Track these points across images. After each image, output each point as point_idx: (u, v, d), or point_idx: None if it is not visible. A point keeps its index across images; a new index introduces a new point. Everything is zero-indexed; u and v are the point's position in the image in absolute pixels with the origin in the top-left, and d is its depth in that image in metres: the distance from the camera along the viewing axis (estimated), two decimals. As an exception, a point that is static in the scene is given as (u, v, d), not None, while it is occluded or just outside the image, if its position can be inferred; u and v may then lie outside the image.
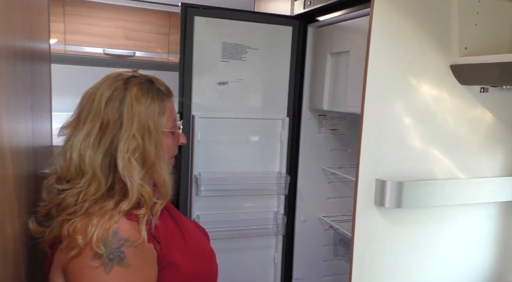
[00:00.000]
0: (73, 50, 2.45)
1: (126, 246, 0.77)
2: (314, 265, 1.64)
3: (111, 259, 0.76)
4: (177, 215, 0.97)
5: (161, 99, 0.89)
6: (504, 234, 1.20)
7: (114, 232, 0.77)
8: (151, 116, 0.86)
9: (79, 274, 0.76)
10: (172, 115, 0.92)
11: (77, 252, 0.75)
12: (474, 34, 1.06)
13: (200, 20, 1.36)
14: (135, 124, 0.83)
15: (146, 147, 0.84)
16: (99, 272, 0.75)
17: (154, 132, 0.85)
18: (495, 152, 1.16)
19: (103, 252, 0.75)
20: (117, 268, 0.76)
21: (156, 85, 0.90)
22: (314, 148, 1.56)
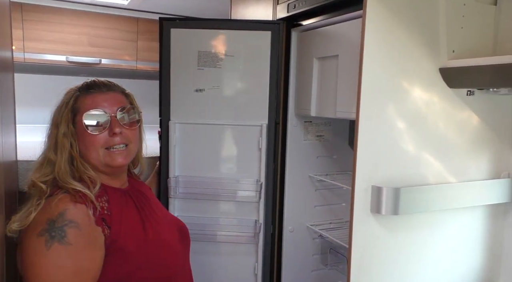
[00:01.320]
0: (33, 58, 2.30)
1: (69, 226, 0.86)
2: (303, 276, 1.61)
3: (52, 236, 0.84)
4: (146, 206, 1.04)
5: (76, 98, 0.99)
6: (492, 236, 1.22)
7: (61, 213, 0.87)
8: (55, 119, 0.98)
9: (25, 248, 0.86)
10: (88, 107, 0.99)
11: (27, 228, 0.86)
12: (460, 37, 1.08)
13: (176, 32, 1.41)
14: (52, 126, 0.99)
15: (48, 147, 0.98)
16: (41, 246, 0.84)
17: (54, 133, 0.98)
18: (482, 154, 1.17)
19: (47, 230, 0.84)
20: (57, 245, 0.84)
21: (81, 87, 1.01)
22: (300, 155, 1.54)
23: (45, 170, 0.96)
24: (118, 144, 1.00)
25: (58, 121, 0.98)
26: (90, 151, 0.97)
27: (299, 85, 1.46)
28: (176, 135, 1.43)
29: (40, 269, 0.84)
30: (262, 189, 1.44)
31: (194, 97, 1.43)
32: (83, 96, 1.00)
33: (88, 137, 0.97)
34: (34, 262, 0.85)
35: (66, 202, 0.89)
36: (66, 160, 0.95)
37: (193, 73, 1.42)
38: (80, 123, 0.97)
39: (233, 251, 1.48)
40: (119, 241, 0.92)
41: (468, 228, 1.18)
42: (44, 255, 0.84)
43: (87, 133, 0.97)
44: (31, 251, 0.85)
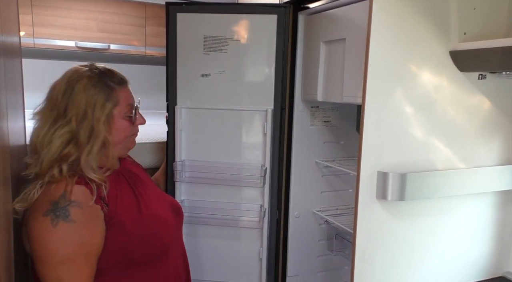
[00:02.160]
0: (43, 44, 2.30)
1: (72, 205, 0.94)
2: (309, 261, 1.61)
3: (57, 216, 0.93)
4: (138, 184, 1.14)
5: (110, 89, 1.04)
6: (502, 223, 1.20)
7: (62, 195, 0.95)
8: (91, 105, 1.00)
9: (32, 227, 0.94)
10: (125, 101, 1.07)
11: (31, 209, 0.94)
12: (473, 19, 1.04)
13: (182, 16, 1.40)
14: (73, 111, 0.99)
15: (79, 131, 0.99)
16: (47, 225, 0.92)
17: (90, 119, 1.00)
18: (493, 140, 1.15)
19: (52, 210, 0.92)
20: (63, 223, 0.93)
21: (107, 77, 1.05)
22: (306, 140, 1.52)
23: (68, 151, 0.99)
24: (138, 130, 1.16)
25: (94, 109, 1.01)
26: (121, 137, 1.08)
27: (306, 70, 1.43)
28: (183, 120, 1.42)
29: (48, 245, 0.93)
30: (267, 174, 1.43)
31: (200, 82, 1.42)
32: (119, 89, 1.07)
33: (125, 127, 1.08)
34: (42, 240, 0.93)
35: (66, 184, 0.96)
36: (98, 146, 1.01)
37: (199, 58, 1.41)
38: (118, 114, 1.05)
39: (238, 236, 1.49)
40: (116, 217, 1.01)
41: (476, 215, 1.16)
42: (51, 233, 0.92)
43: (126, 123, 1.08)
44: (38, 230, 0.93)
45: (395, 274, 1.08)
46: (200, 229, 1.48)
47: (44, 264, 0.93)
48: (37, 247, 0.93)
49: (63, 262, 0.93)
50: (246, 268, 1.52)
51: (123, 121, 1.07)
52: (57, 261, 0.93)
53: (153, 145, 1.63)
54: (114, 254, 1.02)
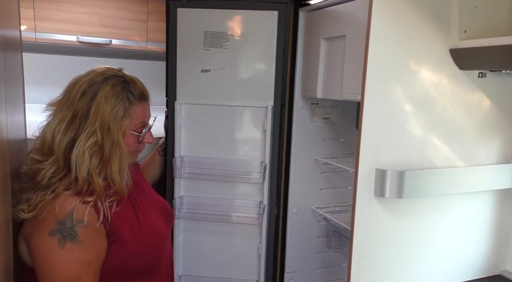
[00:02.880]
0: (45, 38, 2.30)
1: (79, 226, 0.92)
2: (307, 258, 1.61)
3: (64, 236, 0.91)
4: (136, 195, 1.10)
5: (129, 102, 1.00)
6: (500, 222, 1.20)
7: (69, 214, 0.91)
8: (113, 118, 0.97)
9: (38, 246, 0.92)
10: (139, 117, 1.04)
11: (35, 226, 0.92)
12: (473, 16, 1.04)
13: (183, 12, 1.39)
14: (98, 121, 0.96)
15: (104, 144, 0.96)
16: (54, 246, 0.90)
17: (113, 132, 0.97)
18: (492, 138, 1.14)
19: (59, 230, 0.90)
20: (70, 243, 0.91)
21: (130, 89, 1.01)
22: (306, 137, 1.52)
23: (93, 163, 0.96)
24: (143, 148, 1.13)
25: (115, 121, 0.98)
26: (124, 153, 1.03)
27: (306, 67, 1.43)
28: (182, 115, 1.43)
29: (55, 265, 0.92)
30: (267, 171, 1.43)
31: (200, 78, 1.42)
32: (137, 104, 1.03)
33: (132, 143, 1.05)
34: (49, 259, 0.92)
35: (71, 202, 0.93)
36: (125, 161, 1.00)
37: (199, 53, 1.41)
38: (128, 128, 1.02)
39: (237, 232, 1.49)
40: (117, 235, 1.00)
41: (475, 214, 1.16)
42: (59, 254, 0.91)
43: (134, 140, 1.05)
44: (45, 250, 0.92)
45: (392, 271, 1.08)
46: (199, 225, 1.48)
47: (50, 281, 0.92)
48: (43, 265, 0.92)
49: (70, 280, 0.92)
50: (244, 264, 1.52)
51: (130, 137, 1.04)
52: (64, 280, 0.92)
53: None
54: (113, 268, 1.01)
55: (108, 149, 0.96)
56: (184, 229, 1.49)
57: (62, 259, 0.91)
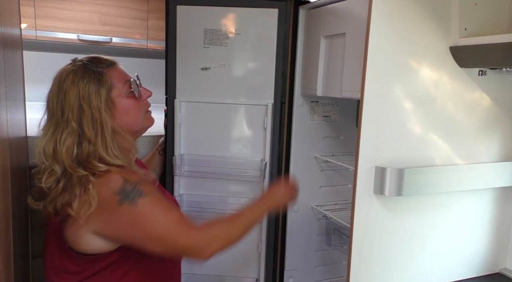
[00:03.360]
0: (45, 36, 2.30)
1: (138, 184, 0.93)
2: (307, 255, 1.62)
3: (132, 198, 0.92)
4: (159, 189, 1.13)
5: (100, 74, 0.98)
6: (499, 220, 1.19)
7: (123, 182, 0.93)
8: (85, 98, 0.95)
9: (115, 221, 0.93)
10: (119, 79, 1.01)
11: (103, 214, 0.92)
12: (474, 14, 1.03)
13: (182, 9, 1.38)
14: (68, 110, 0.94)
15: (83, 128, 0.94)
16: (130, 210, 0.91)
17: (89, 112, 0.95)
18: (492, 136, 1.14)
19: (124, 198, 0.91)
20: (140, 200, 0.92)
21: (92, 65, 0.99)
22: (306, 135, 1.52)
23: (80, 151, 0.95)
24: (149, 105, 1.11)
25: (89, 99, 0.95)
26: (134, 118, 1.04)
27: (306, 65, 1.43)
28: (182, 113, 1.43)
29: (146, 224, 0.93)
30: (267, 169, 1.44)
31: (200, 75, 1.42)
32: (108, 71, 1.01)
33: (133, 106, 1.03)
34: (136, 225, 0.93)
35: (112, 176, 0.94)
36: (110, 136, 0.97)
37: (199, 51, 1.40)
38: (118, 95, 1.00)
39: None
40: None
41: (474, 211, 1.16)
42: (138, 214, 0.92)
43: (131, 102, 1.03)
44: (124, 220, 0.93)
45: (392, 269, 1.08)
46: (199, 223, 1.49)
47: (154, 240, 0.94)
48: (136, 232, 0.93)
49: (167, 225, 0.94)
50: (244, 262, 1.52)
51: (127, 101, 1.02)
52: (162, 229, 0.93)
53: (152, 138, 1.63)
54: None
55: (92, 129, 0.95)
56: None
57: (142, 217, 0.92)
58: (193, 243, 0.96)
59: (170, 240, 0.95)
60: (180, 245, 0.96)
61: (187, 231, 0.96)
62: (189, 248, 0.97)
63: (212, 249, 0.97)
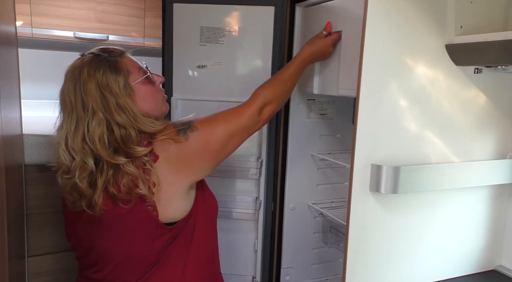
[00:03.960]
0: (41, 34, 2.30)
1: (187, 122, 1.00)
2: (303, 253, 1.62)
3: (190, 128, 0.99)
4: None
5: (115, 62, 0.98)
6: (495, 217, 1.20)
7: (174, 124, 1.00)
8: (105, 86, 0.94)
9: (194, 153, 0.99)
10: (134, 66, 1.01)
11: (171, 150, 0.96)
12: (469, 12, 1.04)
13: (179, 7, 1.39)
14: (91, 101, 0.93)
15: (112, 116, 0.94)
16: (195, 136, 0.98)
17: (112, 98, 0.94)
18: (488, 134, 1.15)
19: (182, 131, 0.98)
20: (197, 124, 1.00)
21: (105, 54, 0.99)
22: (303, 133, 1.52)
23: (121, 133, 0.94)
24: (164, 91, 1.12)
25: (109, 87, 0.95)
26: (154, 104, 1.04)
27: (303, 62, 1.43)
28: (178, 111, 1.43)
29: (213, 137, 1.01)
30: (263, 166, 1.44)
31: (196, 73, 1.42)
32: (121, 58, 1.00)
33: (151, 91, 1.04)
34: (207, 142, 1.00)
35: (167, 128, 0.99)
36: (140, 114, 0.98)
37: (195, 49, 1.41)
38: (135, 81, 1.00)
39: (233, 228, 1.50)
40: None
41: (470, 209, 1.16)
42: (204, 134, 1.00)
43: (148, 87, 1.03)
44: (198, 145, 0.99)
45: (388, 267, 1.09)
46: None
47: (229, 139, 1.03)
48: (214, 147, 1.01)
49: (230, 123, 1.04)
50: (241, 260, 1.53)
51: (144, 87, 1.02)
52: (229, 127, 1.03)
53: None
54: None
55: (121, 115, 0.95)
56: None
57: (211, 131, 1.01)
58: (253, 113, 1.07)
59: (237, 127, 1.04)
60: (246, 122, 1.06)
61: (242, 110, 1.07)
62: (254, 120, 1.08)
63: (268, 108, 1.10)
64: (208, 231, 1.12)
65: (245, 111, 1.07)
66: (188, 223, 1.03)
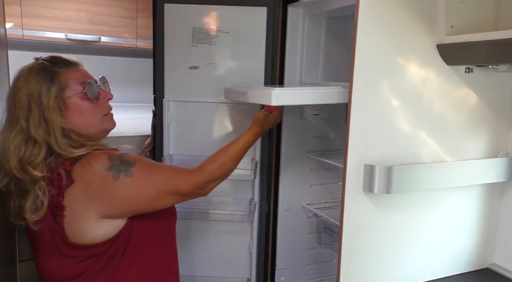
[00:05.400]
0: (32, 35, 2.27)
1: (124, 155, 0.96)
2: (298, 254, 1.62)
3: (125, 169, 0.94)
4: None
5: (54, 73, 0.96)
6: (487, 216, 1.21)
7: (109, 158, 0.94)
8: (34, 96, 0.93)
9: (119, 196, 0.94)
10: (75, 80, 0.99)
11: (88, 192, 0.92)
12: (460, 12, 1.04)
13: (170, 7, 1.38)
14: (18, 108, 0.93)
15: (29, 128, 0.92)
16: (126, 181, 0.94)
17: (37, 110, 0.93)
18: (480, 133, 1.15)
19: (116, 170, 0.93)
20: (133, 169, 0.95)
21: (50, 64, 0.98)
22: (296, 133, 1.53)
23: (32, 150, 0.93)
24: (110, 109, 1.08)
25: (39, 98, 0.94)
26: (90, 120, 1.01)
27: (295, 63, 1.43)
28: (170, 113, 1.42)
29: (144, 188, 0.97)
30: (257, 168, 1.43)
31: (188, 74, 1.41)
32: (64, 70, 0.99)
33: (88, 108, 1.00)
34: (136, 191, 0.96)
35: (98, 156, 0.95)
36: (60, 134, 0.95)
37: (187, 50, 1.40)
38: (73, 97, 0.98)
39: (228, 230, 1.49)
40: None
41: (463, 208, 1.17)
42: (136, 182, 0.95)
43: (86, 104, 1.00)
44: (126, 192, 0.95)
45: (382, 266, 1.09)
46: (189, 223, 1.48)
47: (161, 196, 0.98)
48: (142, 198, 0.97)
49: (167, 179, 1.00)
50: (235, 262, 1.52)
51: (80, 102, 0.99)
52: (164, 184, 0.99)
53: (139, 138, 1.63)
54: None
55: (40, 128, 0.93)
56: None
57: (145, 182, 0.96)
58: (195, 185, 1.04)
59: (174, 190, 1.01)
60: (184, 190, 1.02)
61: (185, 176, 1.04)
62: (192, 190, 1.04)
63: (212, 184, 1.08)
64: (151, 248, 1.06)
65: (189, 179, 1.03)
66: (114, 245, 0.98)
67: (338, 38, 1.51)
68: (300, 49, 1.46)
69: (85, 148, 0.95)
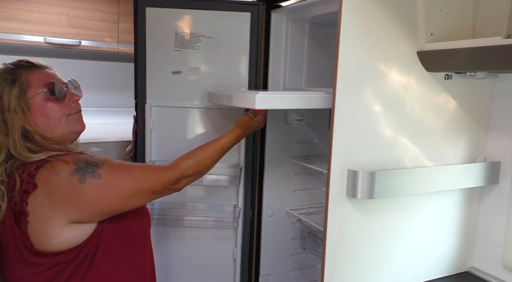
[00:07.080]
0: (9, 39, 2.21)
1: (89, 157, 0.94)
2: (282, 260, 1.61)
3: (92, 171, 0.92)
4: None
5: (17, 75, 0.97)
6: (467, 220, 1.23)
7: (74, 161, 0.92)
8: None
9: (86, 199, 0.92)
10: (39, 81, 0.99)
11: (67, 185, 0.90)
12: (439, 20, 1.06)
13: (152, 11, 1.37)
14: None
15: None
16: (93, 183, 0.92)
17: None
18: (458, 138, 1.17)
19: (82, 173, 0.91)
20: (100, 170, 0.93)
21: (15, 67, 0.99)
22: (280, 139, 1.53)
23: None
24: (78, 110, 1.06)
25: (1, 100, 0.94)
26: (54, 121, 1.00)
27: (279, 68, 1.43)
28: (153, 119, 1.40)
29: (113, 189, 0.94)
30: (242, 173, 1.42)
31: (171, 79, 1.40)
32: (27, 72, 0.99)
33: (51, 108, 1.00)
34: (105, 192, 0.93)
35: (63, 158, 0.93)
36: (19, 137, 0.94)
37: (170, 55, 1.39)
38: (35, 97, 0.97)
39: (212, 236, 1.48)
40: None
41: (443, 212, 1.19)
42: (104, 183, 0.93)
43: (49, 104, 0.99)
44: (93, 194, 0.93)
45: (365, 271, 1.09)
46: (171, 231, 1.45)
47: (132, 196, 0.96)
48: (113, 199, 0.94)
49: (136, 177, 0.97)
50: (219, 269, 1.51)
51: (43, 102, 0.99)
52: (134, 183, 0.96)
53: (120, 143, 1.60)
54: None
55: (8, 125, 0.93)
56: (156, 236, 1.45)
57: (113, 182, 0.94)
58: (166, 181, 1.02)
59: (146, 187, 0.99)
60: (156, 187, 1.01)
61: (156, 173, 1.02)
62: (165, 186, 1.02)
63: (185, 180, 1.06)
64: (122, 255, 1.04)
65: (160, 176, 1.02)
66: (82, 252, 0.96)
67: (321, 44, 1.52)
68: (284, 55, 1.47)
69: (45, 153, 0.94)
